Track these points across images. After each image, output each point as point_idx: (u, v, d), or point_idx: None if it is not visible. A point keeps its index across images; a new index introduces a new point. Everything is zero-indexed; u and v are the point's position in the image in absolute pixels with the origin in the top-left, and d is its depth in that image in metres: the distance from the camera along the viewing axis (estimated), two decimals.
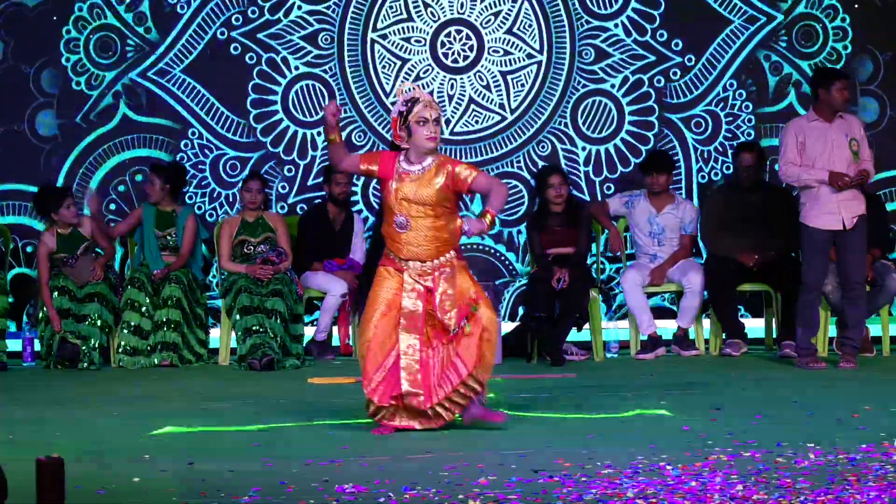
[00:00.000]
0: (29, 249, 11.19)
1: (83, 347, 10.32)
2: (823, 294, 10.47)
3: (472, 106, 11.45)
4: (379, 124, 11.38)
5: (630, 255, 11.16)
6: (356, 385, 9.22)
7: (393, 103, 8.81)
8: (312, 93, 11.39)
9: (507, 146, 11.46)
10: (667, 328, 10.96)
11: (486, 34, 11.45)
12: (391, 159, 7.33)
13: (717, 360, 10.51)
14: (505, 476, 5.92)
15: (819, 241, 9.78)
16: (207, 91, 11.33)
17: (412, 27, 11.41)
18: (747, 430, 7.09)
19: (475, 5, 11.43)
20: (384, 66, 11.40)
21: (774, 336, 10.91)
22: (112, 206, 11.25)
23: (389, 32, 11.38)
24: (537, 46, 11.43)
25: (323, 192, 11.12)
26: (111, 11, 11.24)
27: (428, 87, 11.36)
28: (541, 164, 11.36)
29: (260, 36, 11.34)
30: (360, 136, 11.40)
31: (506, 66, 11.45)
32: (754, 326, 11.13)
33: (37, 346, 10.62)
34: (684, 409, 7.90)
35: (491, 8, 11.43)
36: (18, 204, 11.28)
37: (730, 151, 11.41)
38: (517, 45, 11.45)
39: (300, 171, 11.39)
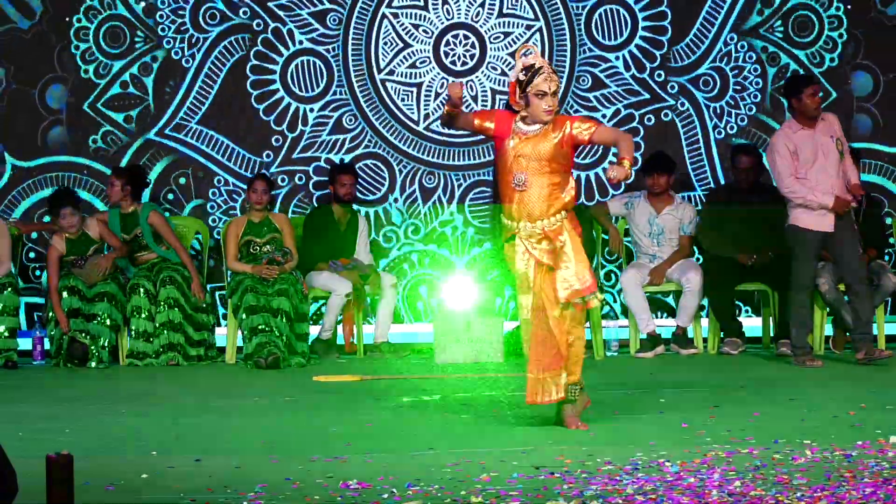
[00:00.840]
0: (31, 255, 11.22)
1: (91, 347, 10.32)
2: (819, 293, 10.49)
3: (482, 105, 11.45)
4: (371, 112, 11.37)
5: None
6: (360, 383, 9.24)
7: (511, 67, 8.65)
8: (311, 69, 11.39)
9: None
10: (666, 327, 10.97)
11: (481, 26, 11.44)
12: (508, 119, 7.24)
13: (716, 359, 10.50)
14: (506, 473, 5.92)
15: (811, 241, 9.77)
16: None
17: (414, 51, 11.42)
18: (745, 427, 7.08)
19: (461, 4, 11.43)
20: (403, 99, 11.39)
21: (772, 335, 10.91)
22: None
23: (393, 67, 11.39)
24: (531, 15, 11.43)
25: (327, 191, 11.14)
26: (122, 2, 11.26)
27: (430, 85, 11.39)
28: None
29: (270, 4, 11.36)
30: (350, 120, 11.40)
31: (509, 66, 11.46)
32: (752, 325, 11.13)
33: (46, 345, 10.61)
34: (683, 407, 7.89)
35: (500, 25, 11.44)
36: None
37: (734, 114, 11.40)
38: (514, 23, 11.43)
39: (287, 143, 11.37)
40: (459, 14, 11.42)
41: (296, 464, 6.23)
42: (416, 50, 11.41)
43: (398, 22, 11.38)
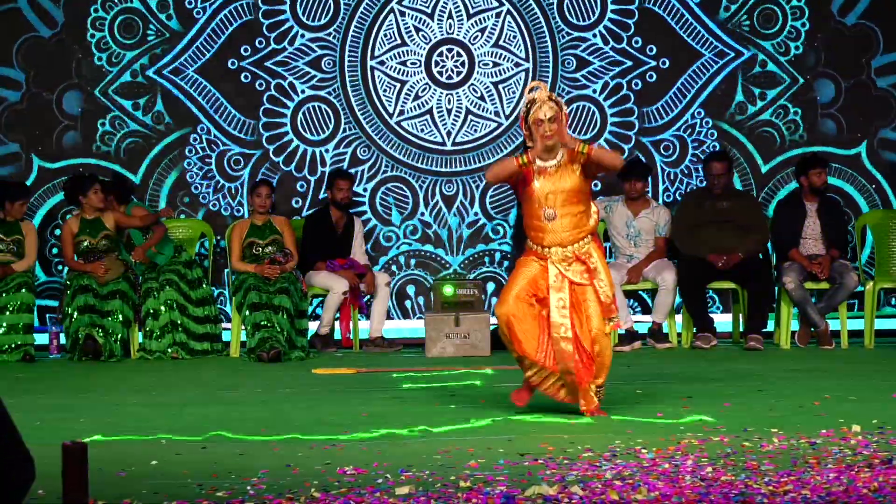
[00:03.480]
0: (54, 251, 11.21)
1: (105, 342, 10.30)
2: (786, 291, 10.52)
3: (470, 117, 11.44)
4: (381, 139, 11.37)
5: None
6: (356, 375, 9.24)
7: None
8: (319, 113, 11.38)
9: (504, 150, 11.47)
10: (642, 323, 10.98)
11: (475, 49, 11.44)
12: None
13: (689, 353, 10.51)
14: (493, 459, 5.92)
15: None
16: (218, 91, 11.33)
17: (407, 51, 11.40)
18: (716, 416, 7.09)
19: (462, 24, 11.42)
20: (385, 90, 11.39)
21: (741, 330, 10.92)
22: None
23: (387, 58, 11.38)
24: (523, 55, 11.42)
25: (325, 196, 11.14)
26: None
27: (427, 104, 11.38)
28: None
29: (268, 64, 11.33)
30: (364, 151, 11.40)
31: (496, 76, 11.45)
32: (723, 321, 11.14)
33: (62, 339, 10.60)
34: (658, 397, 7.90)
35: (477, 24, 11.43)
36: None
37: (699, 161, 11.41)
38: (505, 56, 11.44)
39: (311, 186, 11.38)
40: (434, 34, 11.41)
41: (296, 451, 6.22)
42: (413, 83, 11.40)
43: (386, 66, 11.36)
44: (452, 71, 11.47)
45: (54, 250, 11.20)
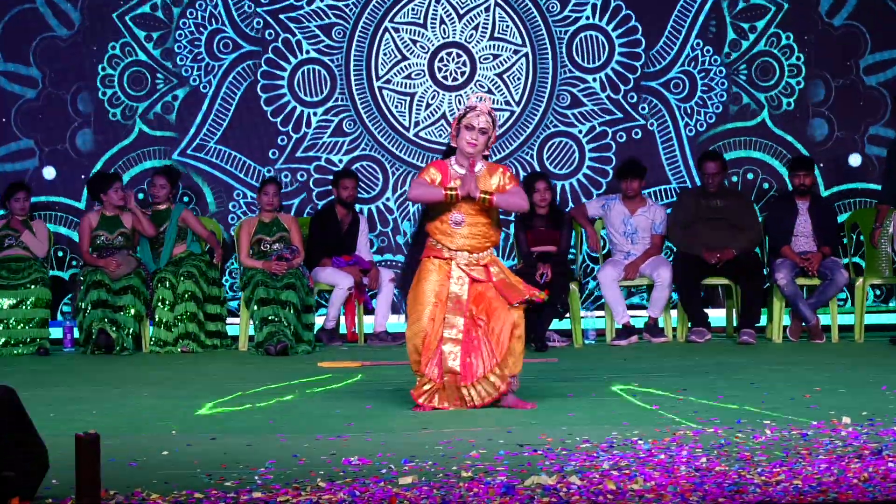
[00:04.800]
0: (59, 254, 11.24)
1: (117, 336, 10.30)
2: (778, 286, 10.52)
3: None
4: (369, 118, 11.36)
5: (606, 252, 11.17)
6: (361, 368, 9.24)
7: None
8: (316, 76, 11.38)
9: (520, 137, 11.47)
10: (639, 317, 10.98)
11: (473, 47, 11.43)
12: (445, 167, 7.33)
13: (684, 347, 10.51)
14: (494, 450, 5.92)
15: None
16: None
17: (409, 63, 11.40)
18: (710, 408, 7.09)
19: (455, 26, 11.41)
20: (396, 105, 11.38)
21: (735, 325, 10.92)
22: None
23: (391, 75, 11.37)
24: (519, 41, 11.41)
25: (332, 196, 11.13)
26: (141, 49, 11.25)
27: (439, 110, 11.37)
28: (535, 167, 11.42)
29: (282, 16, 11.34)
30: (350, 125, 11.40)
31: (498, 68, 11.43)
32: (717, 316, 11.13)
33: (76, 333, 10.60)
34: (654, 390, 7.89)
35: (471, 23, 11.43)
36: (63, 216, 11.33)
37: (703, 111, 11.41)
38: (503, 46, 11.43)
39: (292, 142, 11.36)
40: (454, 34, 11.41)
41: (302, 442, 6.22)
42: (412, 63, 11.41)
43: (398, 36, 11.37)
44: (456, 72, 11.46)
45: (59, 252, 11.19)
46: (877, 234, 10.70)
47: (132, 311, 10.41)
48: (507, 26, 11.43)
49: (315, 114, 11.39)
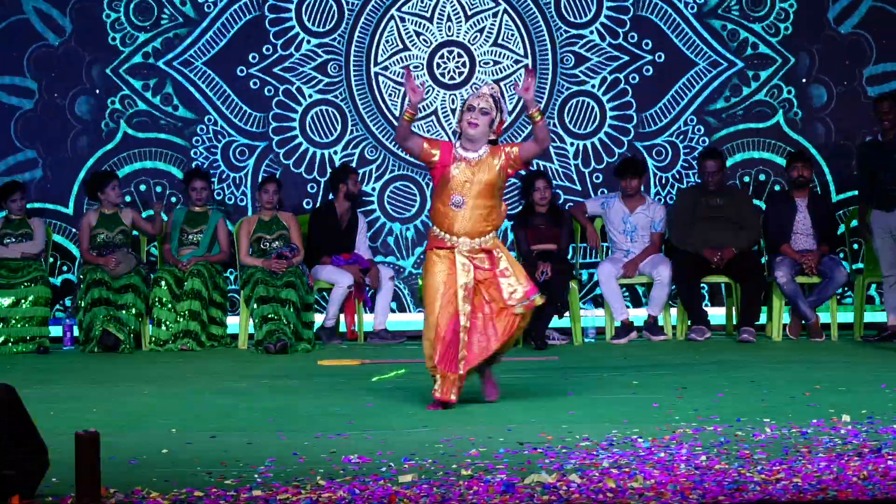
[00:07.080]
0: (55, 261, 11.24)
1: (121, 335, 10.30)
2: (777, 284, 10.52)
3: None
4: (387, 139, 11.35)
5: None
6: (361, 366, 9.24)
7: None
8: (326, 116, 11.37)
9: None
10: (638, 315, 10.98)
11: (475, 49, 11.42)
12: (449, 148, 7.35)
13: (683, 345, 10.50)
14: (493, 448, 5.92)
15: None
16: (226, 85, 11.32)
17: (410, 55, 11.39)
18: (710, 406, 7.09)
19: (461, 25, 11.41)
20: (390, 95, 11.37)
21: (734, 323, 10.92)
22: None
23: (390, 63, 11.36)
24: (521, 52, 11.41)
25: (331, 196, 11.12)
26: None
27: (431, 105, 11.36)
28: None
29: (276, 70, 11.33)
30: (371, 152, 11.38)
31: (497, 74, 11.42)
32: (716, 314, 11.13)
33: (76, 331, 10.60)
34: (654, 388, 7.90)
35: (476, 25, 11.42)
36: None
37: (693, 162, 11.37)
38: (504, 54, 11.43)
39: (321, 188, 11.37)
40: (458, 34, 11.39)
41: (302, 440, 6.22)
42: (413, 55, 11.39)
43: (403, 26, 11.34)
44: (454, 72, 11.46)
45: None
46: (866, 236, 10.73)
47: (133, 310, 10.40)
48: (512, 34, 11.41)
49: (336, 153, 11.31)
